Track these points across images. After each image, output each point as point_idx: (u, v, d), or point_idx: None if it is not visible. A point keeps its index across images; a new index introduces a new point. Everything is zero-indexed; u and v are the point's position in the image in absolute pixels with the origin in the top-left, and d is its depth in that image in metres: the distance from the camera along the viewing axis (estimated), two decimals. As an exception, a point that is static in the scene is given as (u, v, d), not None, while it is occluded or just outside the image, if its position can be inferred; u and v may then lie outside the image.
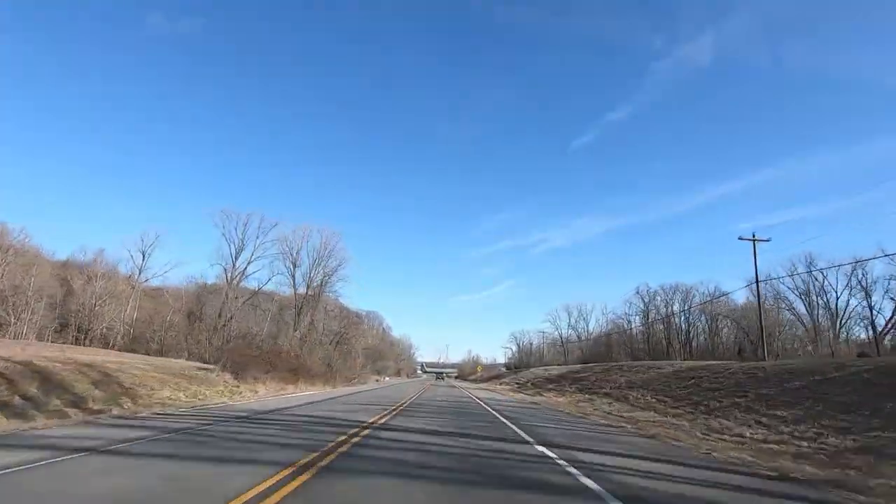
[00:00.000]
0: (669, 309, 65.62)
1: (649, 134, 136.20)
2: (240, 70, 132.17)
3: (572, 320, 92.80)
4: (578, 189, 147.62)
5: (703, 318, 63.38)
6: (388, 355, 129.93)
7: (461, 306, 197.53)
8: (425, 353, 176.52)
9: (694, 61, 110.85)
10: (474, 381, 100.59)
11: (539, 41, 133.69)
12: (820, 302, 45.25)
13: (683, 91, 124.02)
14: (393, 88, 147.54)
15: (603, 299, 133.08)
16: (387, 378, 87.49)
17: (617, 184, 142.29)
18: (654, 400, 19.55)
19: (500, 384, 54.61)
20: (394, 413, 15.09)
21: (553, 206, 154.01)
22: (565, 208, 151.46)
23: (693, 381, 20.18)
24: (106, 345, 47.60)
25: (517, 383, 47.65)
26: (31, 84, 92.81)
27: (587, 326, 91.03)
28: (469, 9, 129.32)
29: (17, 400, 10.50)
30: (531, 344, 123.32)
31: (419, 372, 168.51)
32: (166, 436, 8.17)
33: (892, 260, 32.57)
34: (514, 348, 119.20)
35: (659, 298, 68.29)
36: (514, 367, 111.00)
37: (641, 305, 70.99)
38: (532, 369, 63.25)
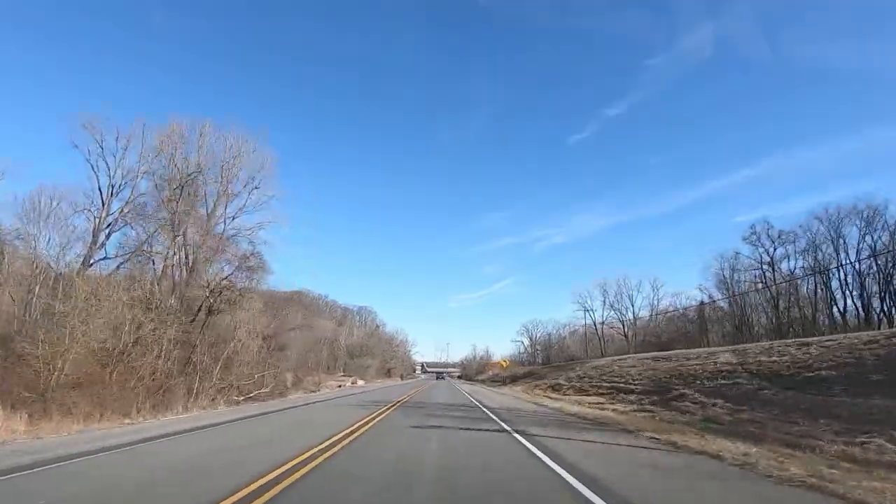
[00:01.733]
0: (835, 247, 37.74)
1: (649, 128, 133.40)
2: (237, 68, 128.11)
3: (609, 300, 66.42)
4: (579, 184, 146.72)
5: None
6: (374, 352, 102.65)
7: (462, 305, 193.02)
8: (426, 353, 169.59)
9: (693, 54, 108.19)
10: (484, 382, 73.17)
11: (537, 37, 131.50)
12: None
13: (682, 84, 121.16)
14: (391, 86, 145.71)
15: (650, 272, 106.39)
16: (360, 382, 60.18)
17: (617, 178, 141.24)
18: None
19: (570, 393, 26.80)
20: None
21: (553, 201, 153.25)
22: (566, 204, 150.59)
23: None
24: None
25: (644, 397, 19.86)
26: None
27: (633, 306, 64.65)
28: (468, 6, 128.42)
29: None
30: (549, 335, 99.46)
31: (417, 372, 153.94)
32: None
33: None
34: (526, 341, 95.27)
35: (801, 238, 40.68)
36: (536, 362, 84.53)
37: (758, 254, 43.59)
38: (603, 361, 35.52)
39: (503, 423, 12.04)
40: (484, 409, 17.14)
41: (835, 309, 39.38)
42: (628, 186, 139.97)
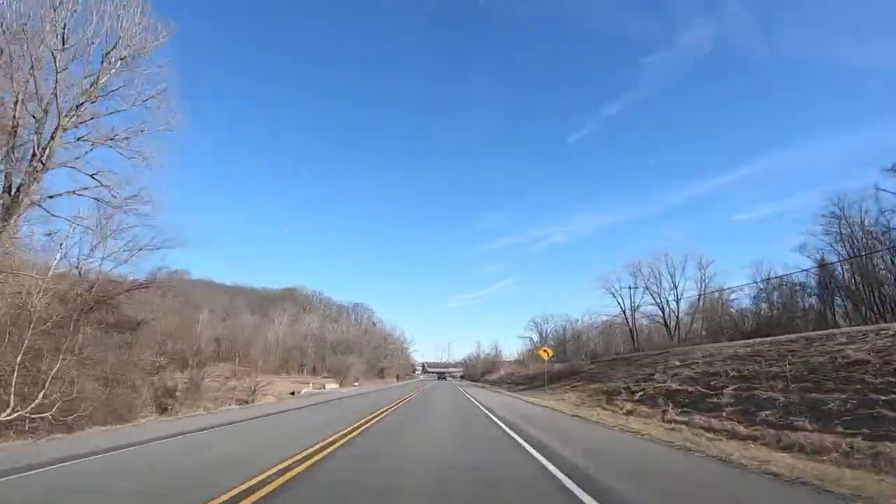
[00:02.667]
0: None
1: (647, 127, 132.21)
2: (236, 68, 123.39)
3: (641, 282, 51.53)
4: (578, 183, 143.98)
5: None
6: (362, 349, 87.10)
7: (462, 305, 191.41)
8: (427, 354, 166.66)
9: (691, 53, 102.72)
10: (498, 384, 57.82)
11: (536, 37, 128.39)
12: None
13: (681, 82, 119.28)
14: (391, 86, 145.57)
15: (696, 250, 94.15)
16: (331, 386, 44.50)
17: (616, 177, 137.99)
18: None
19: (804, 425, 10.55)
20: None
21: (553, 201, 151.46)
22: (565, 203, 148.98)
23: None
24: None
25: None
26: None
27: (676, 290, 49.83)
28: (468, 7, 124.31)
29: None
30: (563, 328, 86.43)
31: (417, 372, 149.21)
32: None
33: None
34: (536, 337, 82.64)
35: None
36: (550, 359, 69.00)
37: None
38: (733, 349, 19.56)
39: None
40: None
41: None
42: (627, 185, 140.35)
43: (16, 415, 11.49)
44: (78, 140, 18.98)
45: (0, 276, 12.66)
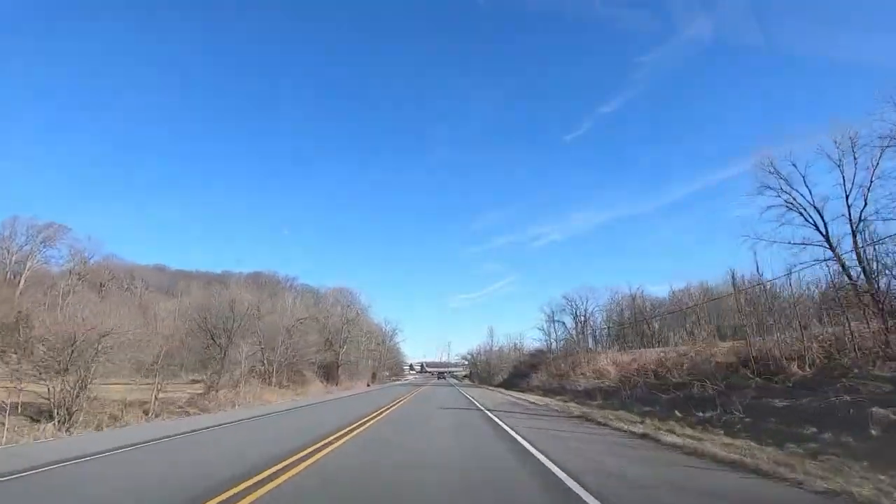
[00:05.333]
0: None
1: (644, 123, 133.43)
2: (233, 67, 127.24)
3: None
4: (576, 181, 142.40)
5: None
6: (275, 327, 45.09)
7: (462, 305, 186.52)
8: (429, 354, 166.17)
9: (689, 48, 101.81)
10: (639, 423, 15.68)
11: (534, 34, 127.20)
12: None
13: (678, 79, 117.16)
14: (388, 85, 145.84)
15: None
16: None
17: (613, 174, 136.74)
18: None
19: None
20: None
21: (551, 199, 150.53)
22: (564, 201, 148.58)
23: None
24: None
25: None
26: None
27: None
28: (466, 5, 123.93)
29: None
30: (632, 299, 54.06)
31: (412, 374, 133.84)
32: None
33: None
34: (569, 321, 53.24)
35: None
36: (585, 347, 29.87)
37: None
38: None
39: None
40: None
41: None
42: (625, 182, 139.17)
43: None
44: None
45: None
